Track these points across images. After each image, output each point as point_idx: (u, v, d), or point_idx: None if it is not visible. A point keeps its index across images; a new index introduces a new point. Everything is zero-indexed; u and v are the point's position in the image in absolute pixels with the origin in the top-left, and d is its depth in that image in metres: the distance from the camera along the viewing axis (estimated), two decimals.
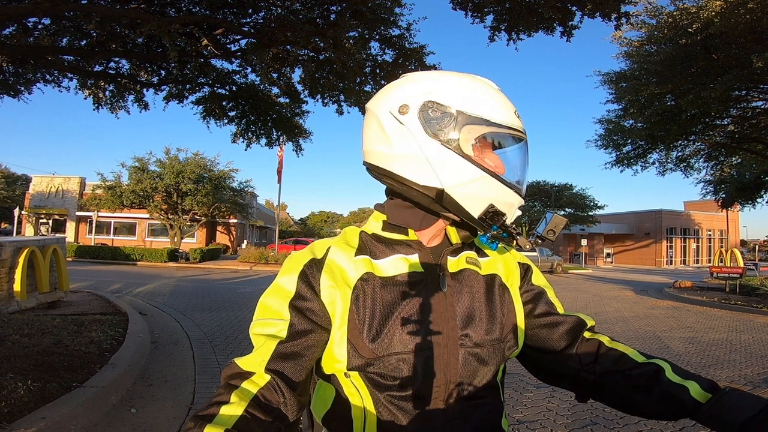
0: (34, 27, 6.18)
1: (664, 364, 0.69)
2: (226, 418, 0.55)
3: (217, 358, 4.62)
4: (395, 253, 0.74)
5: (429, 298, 0.71)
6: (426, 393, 0.68)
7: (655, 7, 9.83)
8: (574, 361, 0.75)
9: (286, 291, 0.70)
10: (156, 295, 9.28)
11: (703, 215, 39.16)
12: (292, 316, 0.67)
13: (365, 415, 0.68)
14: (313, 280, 0.70)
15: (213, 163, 25.14)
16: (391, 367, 0.67)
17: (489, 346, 0.72)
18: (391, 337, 0.67)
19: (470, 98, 0.69)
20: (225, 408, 0.57)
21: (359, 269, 0.71)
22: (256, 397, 0.60)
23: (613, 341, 0.76)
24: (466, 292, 0.74)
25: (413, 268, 0.72)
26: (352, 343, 0.67)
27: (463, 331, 0.71)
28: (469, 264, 0.77)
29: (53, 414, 2.69)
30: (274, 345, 0.65)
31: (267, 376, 0.63)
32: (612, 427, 3.14)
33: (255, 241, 35.18)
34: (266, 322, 0.68)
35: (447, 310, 0.71)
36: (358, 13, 5.90)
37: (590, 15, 5.76)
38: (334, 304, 0.69)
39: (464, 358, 0.70)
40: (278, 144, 9.12)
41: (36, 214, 29.16)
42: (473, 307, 0.73)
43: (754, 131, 12.58)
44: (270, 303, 0.70)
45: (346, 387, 0.70)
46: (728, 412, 0.59)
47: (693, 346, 6.09)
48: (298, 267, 0.71)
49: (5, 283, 5.71)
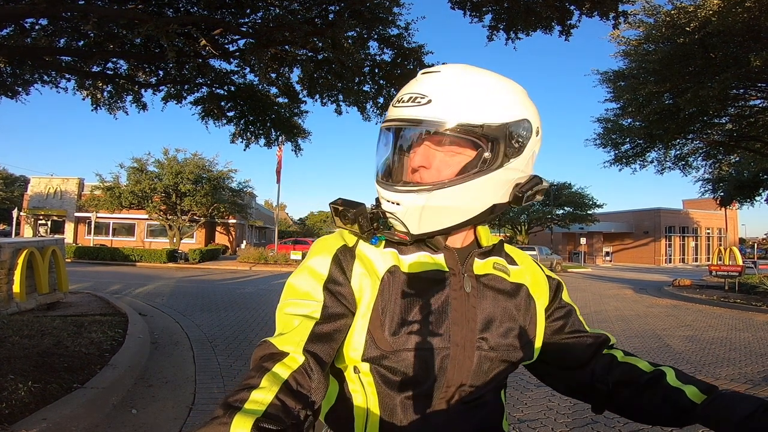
0: (31, 28, 6.16)
1: (668, 370, 0.70)
2: (256, 405, 0.53)
3: (218, 359, 4.62)
4: (421, 251, 0.74)
5: (451, 298, 0.71)
6: (432, 393, 0.68)
7: (653, 6, 9.84)
8: (588, 373, 0.77)
9: (320, 273, 0.70)
10: (155, 296, 9.27)
11: (702, 213, 39.26)
12: (326, 298, 0.68)
13: (367, 414, 0.69)
14: (345, 266, 0.71)
15: (212, 163, 25.16)
16: (405, 362, 0.67)
17: (503, 350, 0.72)
18: (410, 332, 0.67)
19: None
20: (255, 393, 0.54)
21: (387, 261, 0.72)
22: (287, 382, 0.58)
23: (625, 356, 0.78)
24: (489, 296, 0.74)
25: (438, 267, 0.73)
26: (371, 333, 0.67)
27: (482, 334, 0.71)
28: (496, 270, 0.77)
29: (54, 415, 2.69)
30: (312, 325, 0.65)
31: (302, 357, 0.61)
32: (612, 426, 3.14)
33: (254, 241, 35.14)
34: (299, 303, 0.68)
35: (468, 311, 0.71)
36: (357, 13, 5.90)
37: (588, 14, 5.77)
38: (362, 291, 0.69)
39: (478, 361, 0.70)
40: (277, 144, 9.11)
41: (34, 215, 29.12)
42: (495, 312, 0.73)
43: (752, 130, 12.60)
44: (301, 284, 0.70)
45: (351, 384, 0.70)
46: (722, 411, 0.60)
47: (693, 344, 6.11)
48: (332, 251, 0.72)
49: (4, 284, 5.70)
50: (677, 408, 0.66)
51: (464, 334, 0.70)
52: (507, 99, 0.70)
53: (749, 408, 0.57)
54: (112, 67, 7.30)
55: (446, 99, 0.68)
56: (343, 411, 0.71)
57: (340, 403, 0.72)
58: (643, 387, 0.70)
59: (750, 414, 0.57)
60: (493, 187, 0.71)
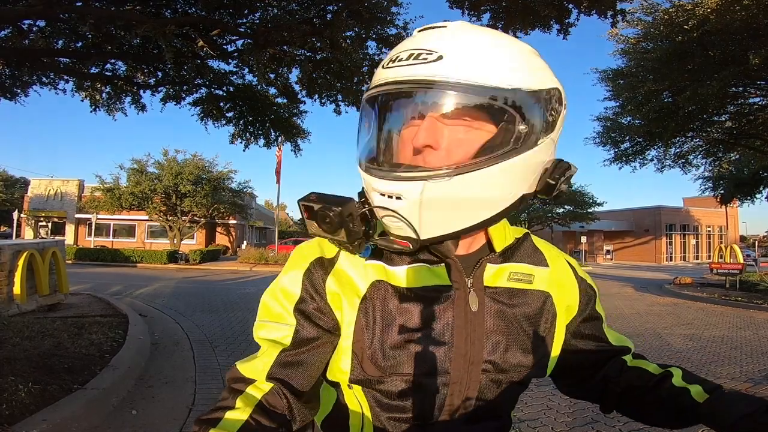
0: (29, 29, 6.17)
1: (675, 371, 0.69)
2: (230, 423, 0.54)
3: (218, 360, 4.62)
4: (416, 262, 0.62)
5: (453, 316, 0.60)
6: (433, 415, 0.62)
7: (651, 4, 9.83)
8: (599, 379, 0.74)
9: (291, 293, 0.62)
10: (156, 297, 9.27)
11: (703, 211, 39.23)
12: (297, 322, 0.61)
13: (363, 423, 0.65)
14: (318, 282, 0.62)
15: (211, 164, 25.24)
16: (398, 388, 0.60)
17: (515, 372, 0.64)
18: (402, 356, 0.59)
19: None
20: (230, 413, 0.55)
21: (370, 276, 0.62)
22: (261, 402, 0.57)
23: (635, 359, 0.75)
24: (501, 314, 0.63)
25: (437, 280, 0.62)
26: (357, 357, 0.60)
27: (490, 357, 0.61)
28: (513, 281, 0.65)
29: (54, 416, 2.69)
30: (277, 352, 0.60)
31: (266, 385, 0.59)
32: (613, 425, 3.14)
33: (254, 241, 35.14)
34: (269, 326, 0.62)
35: (475, 331, 0.61)
36: (355, 13, 5.89)
37: (586, 12, 5.76)
38: (341, 311, 0.62)
39: (485, 385, 0.62)
40: (276, 144, 9.12)
41: (35, 216, 29.14)
42: (508, 332, 0.63)
43: (751, 127, 12.60)
44: (272, 305, 0.64)
45: (348, 396, 0.66)
46: (723, 409, 0.59)
47: (694, 342, 6.10)
48: (304, 264, 0.64)
49: (5, 286, 5.70)
50: (681, 407, 0.65)
51: (468, 358, 0.60)
52: (536, 62, 0.57)
53: (749, 408, 0.57)
54: (111, 69, 7.30)
55: (464, 56, 0.52)
56: (339, 420, 0.68)
57: (336, 411, 0.69)
58: (650, 389, 0.69)
59: (750, 413, 0.56)
60: (524, 171, 0.57)
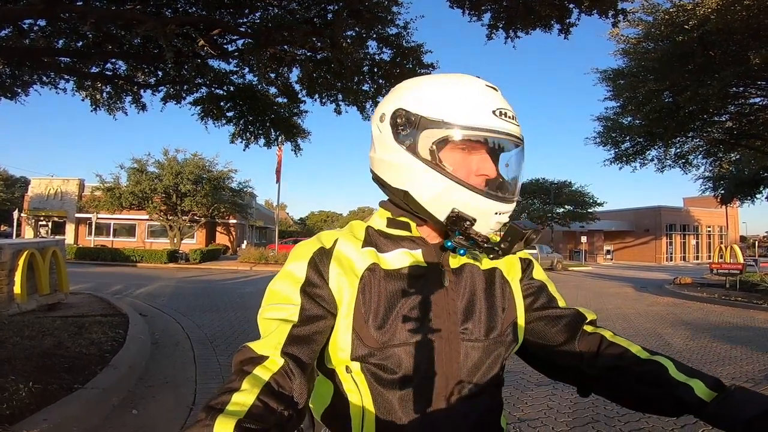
0: (29, 29, 6.17)
1: (667, 362, 0.68)
2: (238, 407, 0.54)
3: (218, 359, 4.62)
4: (399, 248, 0.75)
5: (431, 293, 0.72)
6: (427, 390, 0.68)
7: (652, 4, 9.84)
8: (574, 355, 0.76)
9: (297, 277, 0.71)
10: (156, 297, 9.28)
11: (703, 211, 39.22)
12: (303, 301, 0.69)
13: (363, 413, 0.68)
14: (322, 268, 0.71)
15: (212, 163, 25.16)
16: (393, 359, 0.68)
17: (490, 341, 0.73)
18: (395, 328, 0.68)
19: (436, 102, 0.70)
20: (237, 395, 0.55)
21: (366, 260, 0.73)
22: (269, 383, 0.59)
23: (615, 336, 0.76)
24: (467, 288, 0.75)
25: (416, 263, 0.74)
26: (357, 332, 0.68)
27: (464, 325, 0.72)
28: (469, 259, 0.78)
29: (54, 415, 2.69)
30: (289, 328, 0.66)
31: (281, 360, 0.62)
32: (613, 425, 3.14)
33: (255, 241, 35.15)
34: (277, 307, 0.69)
35: (448, 305, 0.72)
36: (356, 13, 5.89)
37: (587, 12, 5.77)
38: (341, 292, 0.70)
39: (465, 353, 0.71)
40: (277, 144, 9.12)
41: (35, 216, 29.14)
42: (474, 303, 0.74)
43: (752, 128, 12.60)
44: (280, 288, 0.71)
45: (346, 383, 0.70)
46: (734, 410, 0.59)
47: (694, 342, 6.11)
48: (308, 255, 0.73)
49: (5, 285, 5.71)
50: (682, 405, 0.64)
51: (447, 326, 0.71)
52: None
53: (761, 407, 0.56)
54: (111, 68, 7.31)
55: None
56: (339, 410, 0.71)
57: (336, 402, 0.72)
58: (640, 376, 0.69)
59: (761, 414, 0.56)
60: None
